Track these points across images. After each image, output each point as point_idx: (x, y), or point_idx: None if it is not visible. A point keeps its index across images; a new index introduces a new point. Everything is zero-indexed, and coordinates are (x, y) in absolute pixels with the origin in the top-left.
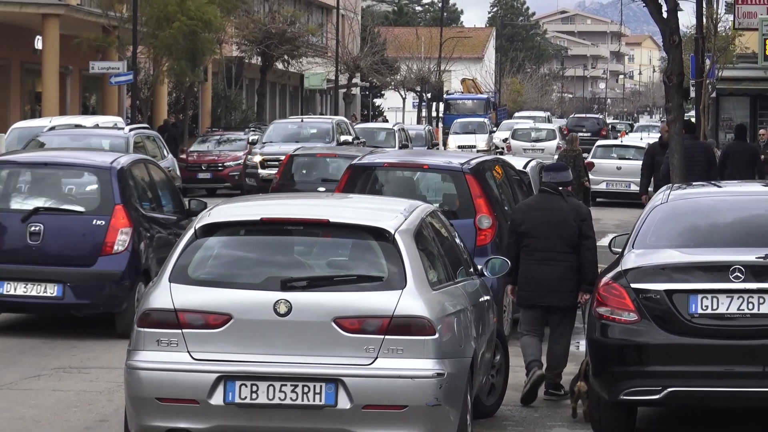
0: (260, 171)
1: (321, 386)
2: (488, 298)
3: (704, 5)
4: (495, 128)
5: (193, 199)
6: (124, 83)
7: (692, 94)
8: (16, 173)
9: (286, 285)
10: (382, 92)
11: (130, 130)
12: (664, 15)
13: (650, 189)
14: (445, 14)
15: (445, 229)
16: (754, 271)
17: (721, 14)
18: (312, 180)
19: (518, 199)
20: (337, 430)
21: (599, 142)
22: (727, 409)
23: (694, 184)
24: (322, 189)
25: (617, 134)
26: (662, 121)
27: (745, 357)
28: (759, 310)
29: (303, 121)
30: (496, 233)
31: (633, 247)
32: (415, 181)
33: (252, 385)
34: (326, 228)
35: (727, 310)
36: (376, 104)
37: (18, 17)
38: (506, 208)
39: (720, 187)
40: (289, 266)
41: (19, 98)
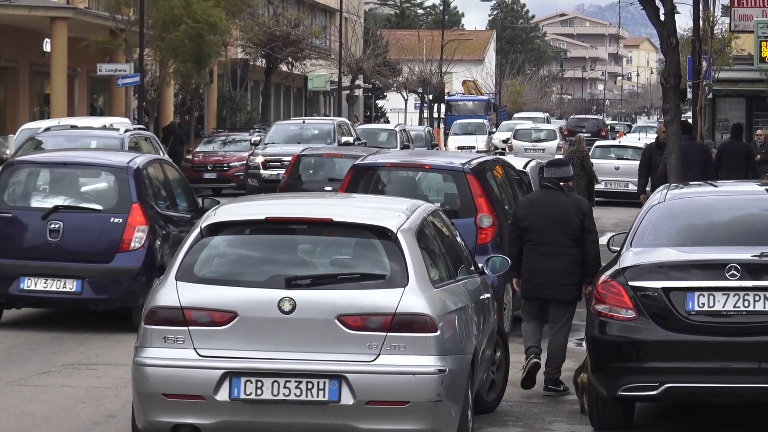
0: (262, 172)
1: (325, 382)
2: (489, 295)
3: (701, 8)
4: (494, 129)
5: (206, 198)
6: (131, 85)
7: (689, 96)
8: (36, 173)
9: (291, 283)
10: (385, 94)
11: (125, 131)
12: (662, 18)
13: (648, 189)
14: (446, 17)
15: (447, 228)
16: (750, 269)
17: (717, 17)
18: (319, 179)
19: (518, 198)
20: (341, 426)
21: (598, 143)
22: (724, 404)
23: (690, 183)
24: (328, 188)
25: (616, 135)
26: (659, 122)
27: (741, 353)
28: (754, 307)
29: (304, 123)
30: (497, 232)
31: (631, 245)
32: (417, 181)
33: (257, 381)
34: (330, 227)
35: (724, 307)
36: (379, 106)
37: (27, 20)
38: (506, 208)
39: (716, 186)
40: (293, 265)
41: (28, 100)
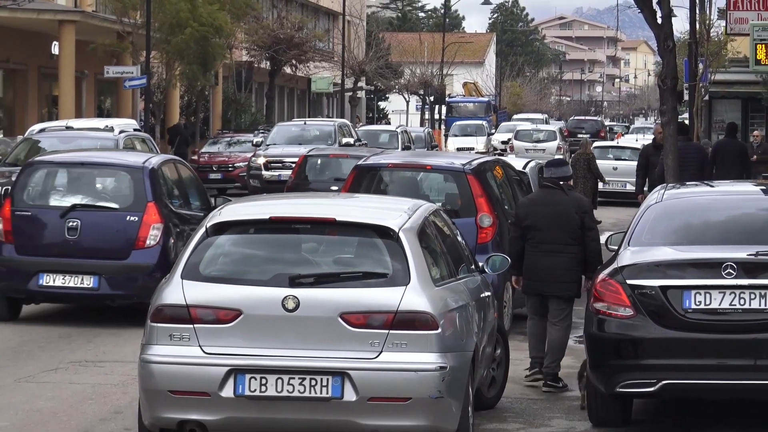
0: (264, 172)
1: (328, 379)
2: (489, 293)
3: (697, 11)
4: (493, 130)
5: (219, 197)
6: (138, 87)
7: (686, 97)
8: (54, 173)
9: (294, 281)
10: (387, 95)
11: (120, 132)
12: (659, 21)
13: (645, 189)
14: (447, 20)
15: (448, 227)
16: (746, 268)
17: (713, 20)
18: (325, 179)
19: (518, 198)
20: (343, 422)
21: (596, 144)
22: (720, 401)
23: (687, 183)
24: (334, 188)
25: (614, 136)
26: (657, 123)
27: (737, 350)
28: (750, 305)
29: (306, 124)
30: (497, 231)
31: (629, 244)
32: (418, 181)
33: (261, 378)
34: (333, 226)
35: (720, 305)
36: (381, 107)
37: (36, 23)
38: (506, 207)
39: (713, 186)
40: (297, 263)
41: (37, 102)
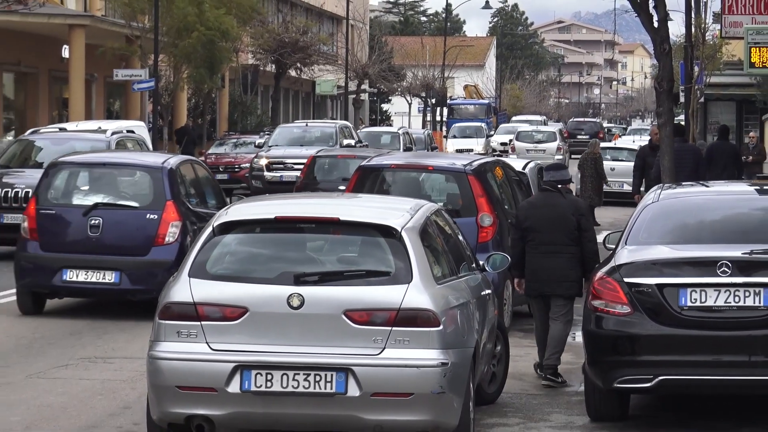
0: (266, 173)
1: (332, 375)
2: (489, 291)
3: (693, 15)
4: (492, 132)
5: (234, 196)
6: (146, 89)
7: (682, 99)
8: (77, 173)
9: (299, 280)
10: (389, 98)
11: (112, 134)
12: (655, 25)
13: (642, 189)
14: (448, 24)
15: (449, 226)
16: (740, 266)
17: (708, 24)
18: (333, 179)
19: (518, 198)
20: (347, 417)
21: None
22: (716, 396)
23: (683, 184)
24: (342, 188)
25: (611, 137)
26: (653, 125)
27: (732, 347)
28: (745, 302)
29: (307, 126)
30: (497, 231)
31: (626, 243)
32: (420, 182)
33: (267, 374)
34: (337, 226)
35: (715, 302)
36: (384, 109)
37: (46, 27)
38: (506, 207)
39: (708, 186)
40: (301, 262)
41: (48, 104)
